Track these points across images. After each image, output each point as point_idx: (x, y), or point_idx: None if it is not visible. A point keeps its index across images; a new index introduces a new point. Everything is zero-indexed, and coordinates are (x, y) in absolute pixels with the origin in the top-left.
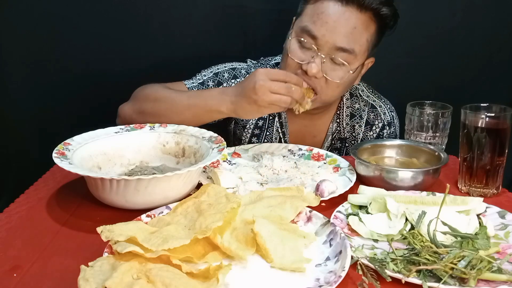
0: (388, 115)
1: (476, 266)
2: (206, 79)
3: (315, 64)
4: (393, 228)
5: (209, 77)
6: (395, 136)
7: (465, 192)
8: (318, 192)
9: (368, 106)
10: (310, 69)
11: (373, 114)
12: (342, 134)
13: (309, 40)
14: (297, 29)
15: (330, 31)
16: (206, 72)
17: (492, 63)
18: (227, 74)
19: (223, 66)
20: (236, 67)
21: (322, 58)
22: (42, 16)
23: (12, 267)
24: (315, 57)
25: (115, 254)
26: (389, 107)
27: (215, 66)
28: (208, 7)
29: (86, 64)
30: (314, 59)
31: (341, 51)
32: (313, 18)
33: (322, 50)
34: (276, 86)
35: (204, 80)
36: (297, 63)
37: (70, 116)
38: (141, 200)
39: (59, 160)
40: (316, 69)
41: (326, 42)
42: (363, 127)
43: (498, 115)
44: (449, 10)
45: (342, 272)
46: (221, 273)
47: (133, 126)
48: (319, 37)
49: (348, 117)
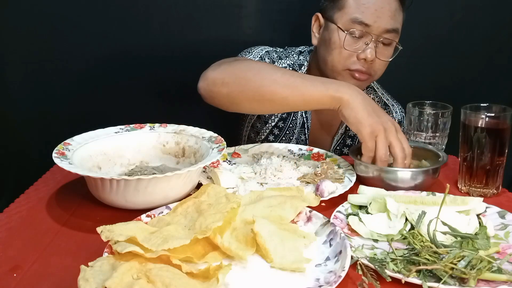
0: (400, 115)
1: (476, 266)
2: (263, 54)
3: (371, 49)
4: (393, 228)
5: (262, 55)
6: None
7: (465, 192)
8: (318, 192)
9: (381, 103)
10: (368, 55)
11: (386, 110)
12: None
13: (362, 28)
14: (346, 22)
15: (380, 17)
16: (255, 49)
17: (492, 63)
18: (275, 54)
19: (264, 47)
20: (269, 50)
21: (376, 42)
22: (42, 16)
23: (12, 267)
24: (369, 43)
25: (115, 254)
26: (400, 108)
27: (253, 47)
28: (208, 7)
29: (86, 64)
30: (369, 45)
31: (390, 32)
32: (360, 8)
33: (374, 35)
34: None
35: (262, 55)
36: (351, 53)
37: (70, 116)
38: (141, 200)
39: (59, 160)
40: (373, 54)
41: (378, 27)
42: None
43: (498, 115)
44: (449, 10)
45: (342, 272)
46: (221, 273)
47: (133, 126)
48: (371, 24)
49: None
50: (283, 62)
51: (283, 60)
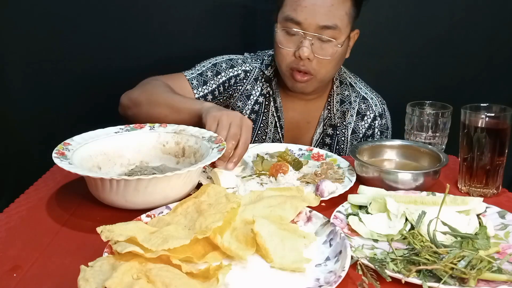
0: (380, 107)
1: (476, 266)
2: (204, 69)
3: (306, 48)
4: (393, 228)
5: (207, 68)
6: (387, 128)
7: (465, 192)
8: (318, 192)
9: (359, 97)
10: (302, 53)
11: (364, 105)
12: (333, 120)
13: (294, 26)
14: (281, 20)
15: (310, 14)
16: (205, 63)
17: (492, 63)
18: (225, 64)
19: (220, 58)
20: (233, 58)
21: (310, 40)
22: (42, 16)
23: (12, 267)
24: (303, 41)
25: (115, 254)
26: (380, 100)
27: (213, 58)
28: (208, 7)
29: (86, 64)
30: (303, 43)
31: (326, 29)
32: (293, 6)
33: (307, 33)
34: (236, 135)
35: (202, 71)
36: (289, 52)
37: (70, 116)
38: (141, 200)
39: (59, 160)
40: (308, 52)
41: (310, 24)
42: (354, 117)
43: (498, 115)
44: (449, 10)
45: (342, 272)
46: (221, 273)
47: (133, 126)
48: (302, 22)
49: (338, 103)
50: (237, 69)
51: (236, 68)
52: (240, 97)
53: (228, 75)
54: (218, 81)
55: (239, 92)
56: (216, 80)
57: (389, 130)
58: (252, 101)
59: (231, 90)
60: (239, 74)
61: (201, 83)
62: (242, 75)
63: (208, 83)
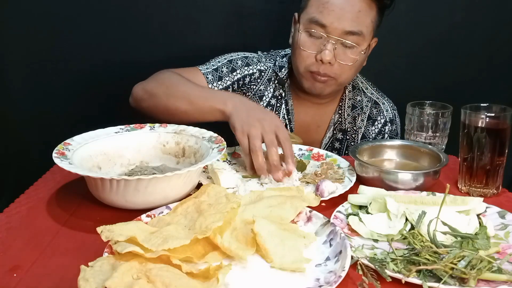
0: (391, 113)
1: (476, 266)
2: (220, 65)
3: (328, 51)
4: (393, 228)
5: (223, 63)
6: (396, 134)
7: (465, 192)
8: (318, 192)
9: (371, 102)
10: (324, 56)
11: (375, 110)
12: (344, 125)
13: (318, 29)
14: (305, 22)
15: (337, 18)
16: (220, 58)
17: (492, 63)
18: (241, 62)
19: (236, 54)
20: (248, 55)
21: (333, 44)
22: (42, 16)
23: (12, 267)
24: (327, 44)
25: (115, 254)
26: (392, 106)
27: (228, 54)
28: (208, 7)
29: (86, 64)
30: (326, 46)
31: (351, 35)
32: (319, 8)
33: (332, 37)
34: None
35: (218, 67)
36: (310, 54)
37: (70, 116)
38: (141, 200)
39: (59, 160)
40: (330, 56)
41: (335, 28)
42: (365, 122)
43: (498, 115)
44: (449, 10)
45: (342, 272)
46: (221, 273)
47: (133, 126)
48: (328, 25)
49: (350, 108)
50: (252, 68)
51: (251, 66)
52: (253, 97)
53: (243, 73)
54: (233, 78)
55: (253, 92)
56: (231, 77)
57: (398, 136)
58: (264, 102)
59: (244, 89)
60: (254, 73)
61: (216, 78)
62: (257, 74)
63: (223, 79)
